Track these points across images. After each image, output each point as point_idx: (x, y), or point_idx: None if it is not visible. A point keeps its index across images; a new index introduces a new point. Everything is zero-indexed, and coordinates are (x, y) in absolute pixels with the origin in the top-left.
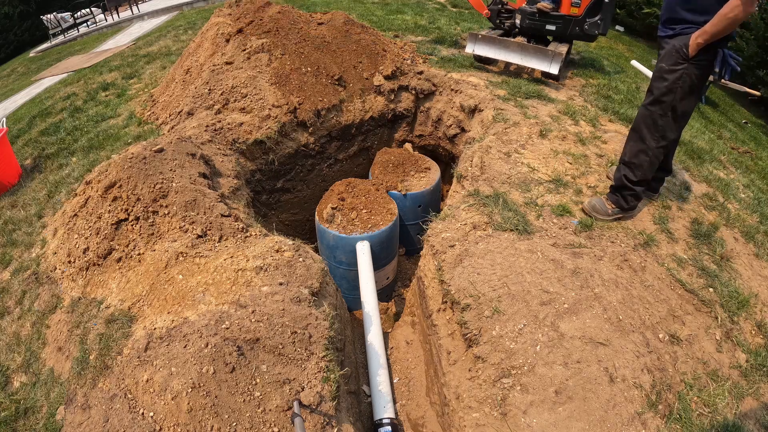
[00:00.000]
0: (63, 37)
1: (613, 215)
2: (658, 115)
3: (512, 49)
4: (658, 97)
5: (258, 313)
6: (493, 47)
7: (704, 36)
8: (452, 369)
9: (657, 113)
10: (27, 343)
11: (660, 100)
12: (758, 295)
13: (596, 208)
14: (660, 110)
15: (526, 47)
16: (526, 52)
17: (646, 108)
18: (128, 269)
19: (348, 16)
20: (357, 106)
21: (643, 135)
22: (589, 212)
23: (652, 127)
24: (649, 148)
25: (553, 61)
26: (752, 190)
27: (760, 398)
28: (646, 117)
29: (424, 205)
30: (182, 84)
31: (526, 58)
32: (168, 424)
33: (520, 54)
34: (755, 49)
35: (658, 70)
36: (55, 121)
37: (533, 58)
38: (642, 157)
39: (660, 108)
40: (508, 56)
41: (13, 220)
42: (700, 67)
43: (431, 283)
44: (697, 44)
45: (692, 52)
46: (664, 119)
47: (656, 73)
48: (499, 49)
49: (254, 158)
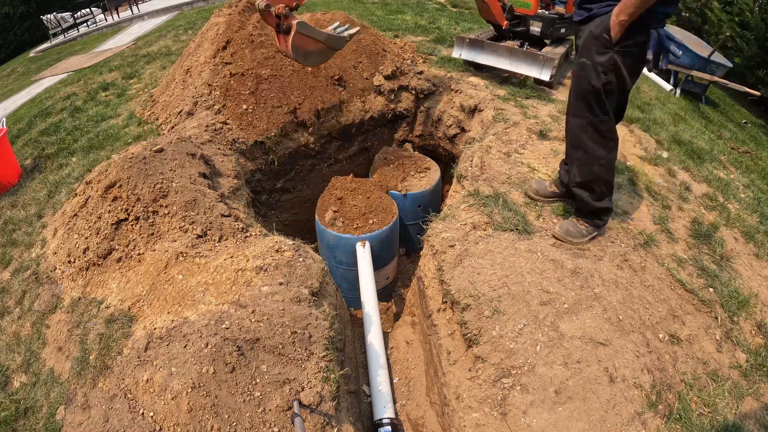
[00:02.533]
0: (63, 37)
1: (588, 236)
2: (598, 121)
3: (501, 53)
4: (587, 102)
5: (258, 313)
6: (482, 52)
7: (627, 10)
8: (452, 369)
9: (594, 120)
10: (27, 343)
11: (590, 105)
12: (758, 295)
13: (570, 233)
14: (596, 116)
15: (515, 51)
16: (516, 56)
17: (577, 118)
18: (128, 269)
19: (348, 16)
20: (357, 106)
21: (588, 147)
22: (563, 239)
23: (594, 136)
24: (600, 156)
25: (544, 66)
26: (752, 190)
27: (760, 398)
28: (584, 127)
29: (424, 205)
30: (182, 84)
31: (516, 64)
32: (168, 424)
33: (509, 59)
34: (755, 50)
35: (579, 66)
36: (55, 121)
37: (523, 64)
38: (595, 168)
39: (594, 113)
40: (497, 61)
41: (13, 220)
42: (631, 55)
43: (431, 283)
44: (620, 24)
45: (615, 35)
46: (606, 123)
47: (578, 71)
48: (487, 53)
49: (254, 158)
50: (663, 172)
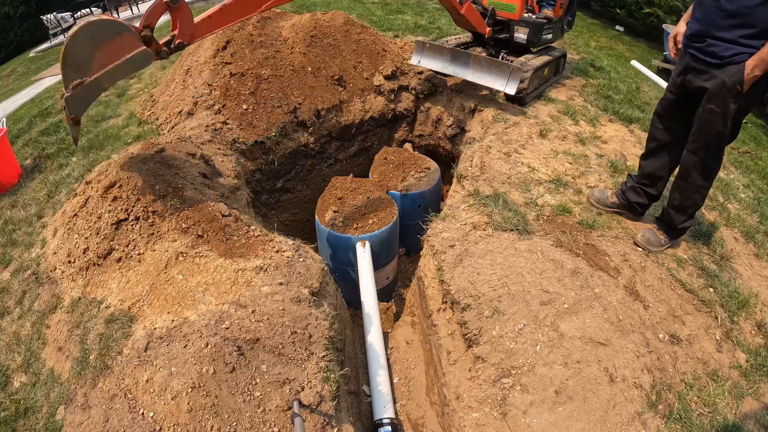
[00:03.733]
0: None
1: (665, 245)
2: (711, 162)
3: (463, 61)
4: (709, 144)
5: (258, 313)
6: (441, 59)
7: (763, 66)
8: (452, 369)
9: (708, 161)
10: (27, 343)
11: (709, 147)
12: (758, 295)
13: (651, 242)
14: (712, 156)
15: (478, 60)
16: (479, 66)
17: (695, 154)
18: (128, 269)
19: (348, 16)
20: (357, 106)
21: (695, 180)
22: (644, 246)
23: (704, 173)
24: (702, 187)
25: (510, 78)
26: (752, 190)
27: (760, 398)
28: (697, 164)
29: (424, 205)
30: (182, 84)
31: (478, 74)
32: (168, 424)
33: (471, 69)
34: None
35: (708, 112)
36: (55, 121)
37: (486, 75)
38: (695, 197)
39: (712, 154)
40: (459, 71)
41: (13, 220)
42: (751, 99)
43: (431, 283)
44: (753, 78)
45: (746, 88)
46: (717, 164)
47: (705, 116)
48: (447, 61)
49: (254, 158)
50: None
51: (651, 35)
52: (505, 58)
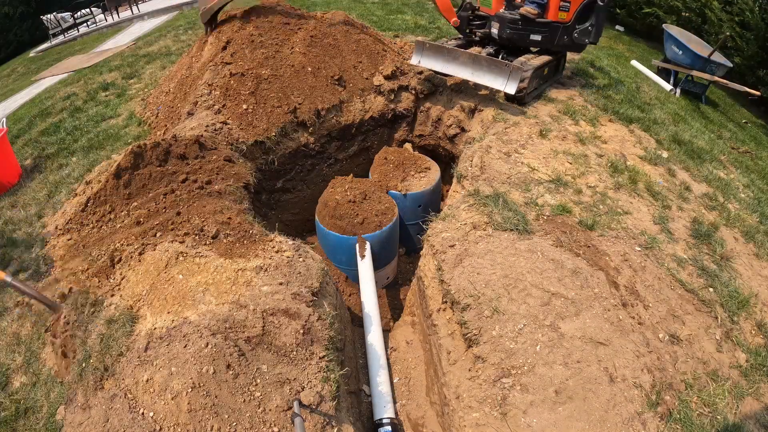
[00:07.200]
0: (63, 37)
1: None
2: None
3: (463, 61)
4: None
5: (258, 313)
6: (441, 59)
7: None
8: (452, 369)
9: None
10: (27, 343)
11: None
12: (758, 295)
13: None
14: None
15: (478, 59)
16: (478, 65)
17: None
18: (128, 269)
19: (348, 16)
20: (357, 106)
21: None
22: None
23: None
24: None
25: (510, 78)
26: (752, 190)
27: (760, 398)
28: None
29: (424, 205)
30: (182, 84)
31: (478, 74)
32: (168, 424)
33: (471, 68)
34: (755, 49)
35: None
36: (55, 121)
37: (487, 74)
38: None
39: None
40: (458, 70)
41: (13, 220)
42: None
43: (431, 283)
44: None
45: None
46: None
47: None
48: (449, 61)
49: (254, 158)
50: (663, 171)
51: (651, 35)
52: (505, 58)
